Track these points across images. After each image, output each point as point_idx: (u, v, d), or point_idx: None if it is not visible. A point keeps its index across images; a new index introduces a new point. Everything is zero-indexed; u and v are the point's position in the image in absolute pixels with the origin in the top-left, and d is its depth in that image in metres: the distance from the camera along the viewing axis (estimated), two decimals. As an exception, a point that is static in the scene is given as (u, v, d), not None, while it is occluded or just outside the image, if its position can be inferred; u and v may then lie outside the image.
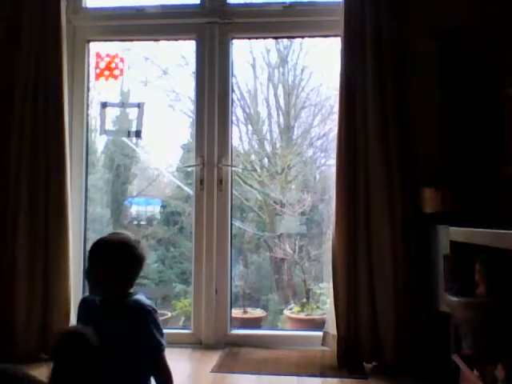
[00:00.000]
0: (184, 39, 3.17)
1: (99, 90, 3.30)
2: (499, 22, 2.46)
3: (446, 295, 2.00)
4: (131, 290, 1.73)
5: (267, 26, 2.98)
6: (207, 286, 2.89)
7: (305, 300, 3.55)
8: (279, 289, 3.78)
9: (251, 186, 3.79)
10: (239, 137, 3.81)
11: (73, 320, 2.73)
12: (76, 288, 2.87)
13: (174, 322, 3.55)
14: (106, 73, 3.14)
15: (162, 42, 3.32)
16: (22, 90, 2.70)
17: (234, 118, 3.10)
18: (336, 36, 2.74)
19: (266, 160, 3.89)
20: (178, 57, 3.63)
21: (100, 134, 3.22)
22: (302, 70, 3.80)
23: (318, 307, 3.47)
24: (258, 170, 3.83)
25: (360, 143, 2.59)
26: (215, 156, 2.92)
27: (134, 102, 3.18)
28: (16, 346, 2.61)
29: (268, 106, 3.84)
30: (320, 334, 2.74)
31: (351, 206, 2.57)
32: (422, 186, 2.46)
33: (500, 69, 2.47)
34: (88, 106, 3.09)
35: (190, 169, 3.18)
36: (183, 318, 3.56)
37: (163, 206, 3.98)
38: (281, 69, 3.82)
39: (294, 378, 2.41)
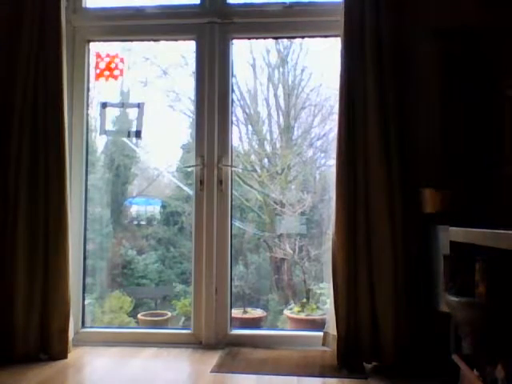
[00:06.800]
0: (184, 39, 3.16)
1: (99, 90, 3.30)
2: (499, 21, 2.47)
3: (446, 295, 2.00)
4: None
5: (267, 26, 2.98)
6: (207, 286, 2.89)
7: (305, 300, 3.54)
8: (279, 289, 3.77)
9: (251, 187, 3.79)
10: (239, 137, 3.80)
11: (72, 320, 2.73)
12: (76, 288, 2.88)
13: (174, 322, 3.55)
14: (106, 73, 3.15)
15: (162, 42, 3.32)
16: (22, 89, 2.71)
17: (234, 119, 3.10)
18: (336, 36, 2.75)
19: (265, 160, 3.89)
20: (178, 57, 3.62)
21: (100, 134, 3.22)
22: (302, 71, 3.79)
23: (318, 307, 3.47)
24: (258, 171, 3.82)
25: (360, 143, 2.59)
26: (215, 156, 2.92)
27: (133, 102, 3.19)
28: (16, 346, 2.61)
29: (268, 106, 3.83)
30: (320, 334, 2.74)
31: (351, 206, 2.57)
32: (422, 187, 2.46)
33: (500, 69, 2.47)
34: (88, 106, 3.10)
35: (190, 169, 3.18)
36: (183, 318, 3.56)
37: (163, 206, 3.98)
38: (281, 69, 3.82)
39: (294, 378, 2.41)
